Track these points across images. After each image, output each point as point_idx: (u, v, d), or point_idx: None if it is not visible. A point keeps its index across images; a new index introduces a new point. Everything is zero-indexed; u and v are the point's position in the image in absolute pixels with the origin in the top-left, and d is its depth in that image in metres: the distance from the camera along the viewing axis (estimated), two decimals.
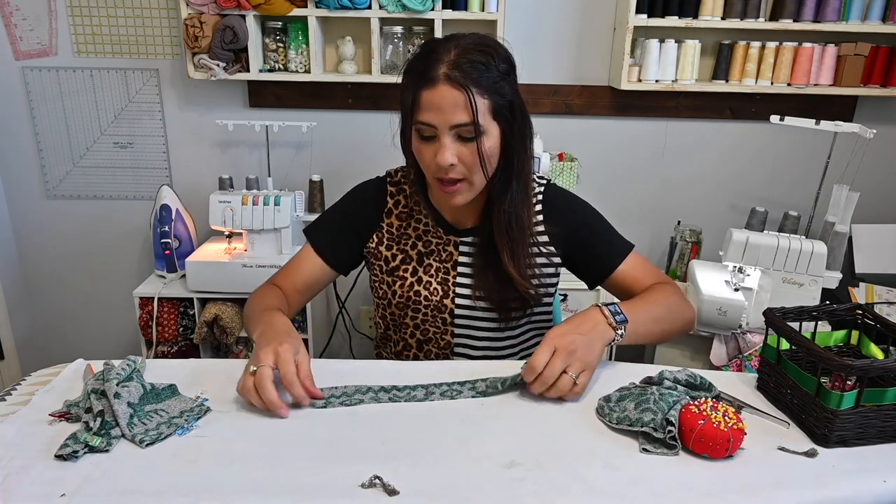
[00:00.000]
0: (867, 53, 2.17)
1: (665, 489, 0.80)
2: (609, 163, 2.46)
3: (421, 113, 1.06)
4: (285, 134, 2.35)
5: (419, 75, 1.06)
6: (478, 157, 1.07)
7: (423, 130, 1.08)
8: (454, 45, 1.06)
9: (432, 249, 1.25)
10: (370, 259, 1.29)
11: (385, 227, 1.27)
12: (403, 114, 1.12)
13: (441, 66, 1.04)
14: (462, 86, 1.03)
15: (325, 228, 1.29)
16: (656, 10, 2.15)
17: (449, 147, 1.06)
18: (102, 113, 2.40)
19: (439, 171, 1.09)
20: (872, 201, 2.38)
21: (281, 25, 2.22)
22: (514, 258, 1.18)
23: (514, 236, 1.17)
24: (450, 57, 1.04)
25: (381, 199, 1.28)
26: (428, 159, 1.10)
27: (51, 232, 2.55)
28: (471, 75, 1.04)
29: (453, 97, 1.03)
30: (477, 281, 1.22)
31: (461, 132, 1.06)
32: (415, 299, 1.24)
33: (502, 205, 1.15)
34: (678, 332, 1.21)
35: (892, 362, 0.90)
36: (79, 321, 2.68)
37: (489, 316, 1.24)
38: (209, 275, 2.16)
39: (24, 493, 0.77)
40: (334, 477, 0.80)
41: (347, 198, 1.32)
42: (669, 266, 2.41)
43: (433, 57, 1.06)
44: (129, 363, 0.97)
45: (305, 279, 1.27)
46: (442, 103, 1.04)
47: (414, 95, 1.07)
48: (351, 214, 1.29)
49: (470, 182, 1.11)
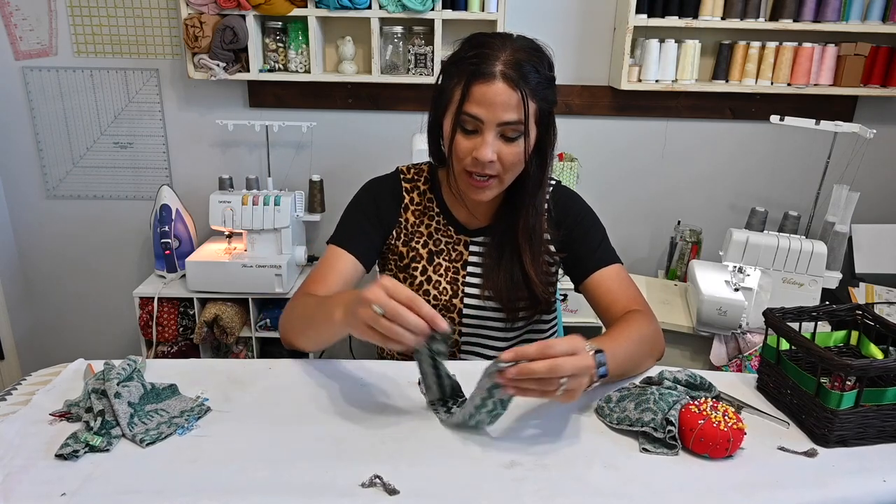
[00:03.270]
0: (867, 53, 2.17)
1: (665, 489, 0.80)
2: (609, 163, 2.46)
3: (470, 105, 1.06)
4: (285, 134, 2.35)
5: (473, 68, 1.06)
6: (516, 157, 1.09)
7: (466, 123, 1.08)
8: (509, 45, 1.07)
9: (442, 248, 1.25)
10: (387, 254, 1.28)
11: (403, 222, 1.27)
12: (441, 104, 1.11)
13: (497, 63, 1.04)
14: (517, 86, 1.04)
15: (349, 228, 1.25)
16: (656, 10, 2.15)
17: (491, 144, 1.07)
18: (102, 113, 2.40)
19: (475, 164, 1.09)
20: (872, 201, 2.38)
21: (281, 25, 2.22)
22: (535, 261, 1.19)
23: (535, 239, 1.19)
24: (506, 55, 1.05)
25: (397, 195, 1.27)
26: (464, 152, 1.10)
27: (51, 232, 2.55)
28: (526, 76, 1.05)
29: (507, 95, 1.04)
30: (486, 281, 1.22)
31: (506, 131, 1.07)
32: (424, 298, 1.23)
33: (532, 207, 1.17)
34: (645, 364, 1.11)
35: (891, 362, 0.90)
36: (79, 321, 2.68)
37: (497, 315, 1.24)
38: (209, 275, 2.16)
39: (25, 492, 0.77)
40: (334, 477, 0.80)
41: (364, 194, 1.29)
42: (669, 266, 2.41)
43: (486, 52, 1.06)
44: (129, 363, 0.97)
45: (340, 280, 1.19)
46: (495, 99, 1.04)
47: (465, 87, 1.06)
48: (373, 209, 1.26)
49: (501, 180, 1.12)
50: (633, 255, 2.59)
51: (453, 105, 1.08)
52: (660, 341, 1.16)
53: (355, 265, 1.21)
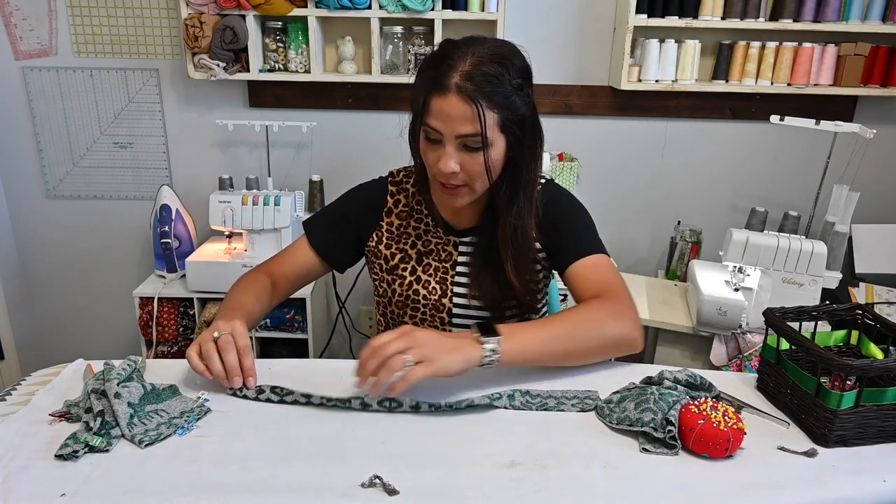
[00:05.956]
0: (867, 53, 2.17)
1: (665, 489, 0.80)
2: (609, 163, 2.46)
3: (429, 118, 1.06)
4: (285, 134, 2.35)
5: (432, 80, 1.05)
6: (481, 167, 1.08)
7: (429, 133, 1.08)
8: (471, 53, 1.05)
9: (432, 249, 1.26)
10: (370, 257, 1.31)
11: (385, 226, 1.28)
12: (414, 112, 1.12)
13: (454, 75, 1.03)
14: (472, 99, 1.02)
15: (323, 224, 1.31)
16: (656, 10, 2.15)
17: (452, 155, 1.07)
18: (102, 113, 2.40)
19: (441, 175, 1.10)
20: (872, 201, 2.38)
21: (281, 25, 2.22)
22: (518, 269, 1.18)
23: (518, 247, 1.17)
24: (464, 66, 1.03)
25: (381, 199, 1.29)
26: (432, 161, 1.11)
27: (51, 232, 2.55)
28: (482, 88, 1.03)
29: (462, 109, 1.03)
30: (473, 281, 1.23)
31: (467, 142, 1.06)
32: (413, 298, 1.25)
33: (508, 216, 1.16)
34: (601, 351, 1.07)
35: (891, 362, 0.90)
36: (79, 321, 2.68)
37: (483, 315, 1.24)
38: (209, 275, 2.16)
39: (24, 492, 0.77)
40: (334, 477, 0.80)
41: (347, 197, 1.33)
42: (669, 266, 2.41)
43: (447, 63, 1.04)
44: (129, 363, 0.97)
45: (297, 270, 1.29)
46: (451, 112, 1.04)
47: (424, 99, 1.07)
48: (349, 213, 1.30)
49: (471, 188, 1.12)
50: (633, 255, 2.59)
51: (419, 116, 1.09)
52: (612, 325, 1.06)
53: (315, 262, 1.29)
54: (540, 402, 0.97)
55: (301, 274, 1.30)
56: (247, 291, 1.20)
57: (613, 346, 1.08)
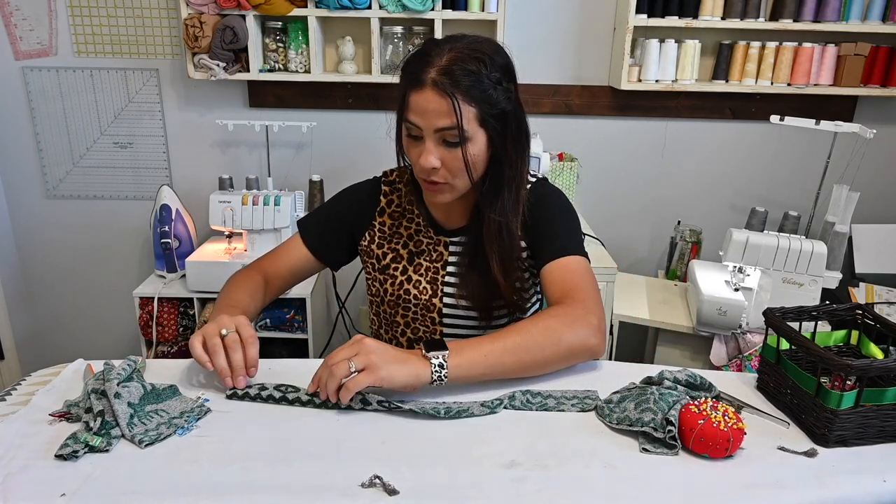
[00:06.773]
0: (867, 53, 2.17)
1: (665, 489, 0.80)
2: (609, 163, 2.46)
3: (409, 113, 1.08)
4: (285, 134, 2.35)
5: (410, 76, 1.07)
6: (461, 162, 1.08)
7: (410, 129, 1.09)
8: (448, 49, 1.06)
9: (423, 249, 1.26)
10: (363, 257, 1.32)
11: (377, 225, 1.29)
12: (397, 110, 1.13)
13: (431, 71, 1.04)
14: (447, 93, 1.03)
15: (316, 222, 1.32)
16: (656, 10, 2.15)
17: (432, 151, 1.08)
18: (102, 113, 2.40)
19: (423, 171, 1.11)
20: (872, 201, 2.38)
21: (281, 25, 2.22)
22: (503, 267, 1.18)
23: (503, 245, 1.17)
24: (441, 62, 1.04)
25: (374, 198, 1.30)
26: (414, 158, 1.12)
27: (51, 232, 2.55)
28: (459, 83, 1.03)
29: (437, 103, 1.04)
30: (462, 281, 1.23)
31: (446, 136, 1.07)
32: (405, 298, 1.26)
33: (492, 213, 1.15)
34: (558, 360, 1.03)
35: (891, 362, 0.90)
36: (79, 321, 2.68)
37: (473, 315, 1.24)
38: (209, 275, 2.16)
39: (24, 493, 0.77)
40: (334, 477, 0.80)
41: (341, 196, 1.33)
42: (669, 266, 2.41)
43: (425, 59, 1.06)
44: (129, 363, 0.97)
45: (290, 268, 1.30)
46: (427, 107, 1.05)
47: (404, 95, 1.08)
48: (343, 212, 1.31)
49: (452, 185, 1.12)
50: (633, 255, 2.59)
51: (400, 113, 1.10)
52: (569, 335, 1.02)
53: (308, 260, 1.30)
54: (540, 402, 0.97)
55: (294, 272, 1.31)
56: (241, 289, 1.20)
57: (570, 354, 1.04)
